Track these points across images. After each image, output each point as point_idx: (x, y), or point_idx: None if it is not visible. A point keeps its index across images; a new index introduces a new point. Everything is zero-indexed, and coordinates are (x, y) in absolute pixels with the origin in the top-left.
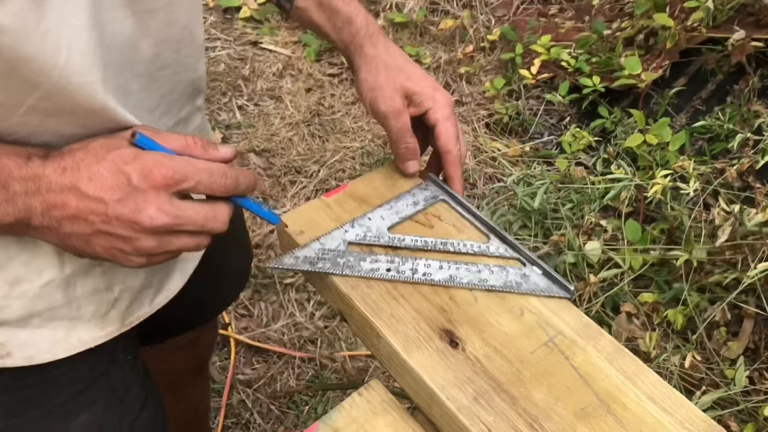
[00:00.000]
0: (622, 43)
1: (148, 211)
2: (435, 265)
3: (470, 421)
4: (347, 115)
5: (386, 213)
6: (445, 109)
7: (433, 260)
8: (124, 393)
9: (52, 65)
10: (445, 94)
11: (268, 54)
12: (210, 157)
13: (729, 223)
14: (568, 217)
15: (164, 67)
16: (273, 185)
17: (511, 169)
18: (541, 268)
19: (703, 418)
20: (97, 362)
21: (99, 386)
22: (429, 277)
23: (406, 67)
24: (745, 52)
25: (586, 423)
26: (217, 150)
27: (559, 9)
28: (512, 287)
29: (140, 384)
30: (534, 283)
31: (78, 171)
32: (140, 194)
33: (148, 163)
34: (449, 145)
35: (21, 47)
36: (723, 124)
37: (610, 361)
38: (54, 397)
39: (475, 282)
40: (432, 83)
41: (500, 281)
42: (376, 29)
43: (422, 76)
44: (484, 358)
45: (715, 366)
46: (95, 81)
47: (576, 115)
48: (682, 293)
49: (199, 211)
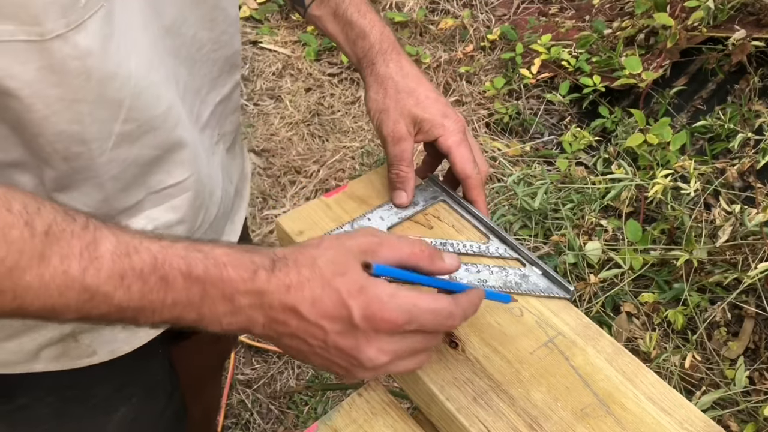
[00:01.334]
0: (623, 43)
1: (367, 352)
2: None
3: (469, 422)
4: (347, 114)
5: (386, 213)
6: (456, 135)
7: None
8: (155, 386)
9: (127, 75)
10: (455, 120)
11: (268, 53)
12: (436, 270)
13: (729, 223)
14: (568, 217)
15: (201, 47)
16: (273, 185)
17: (512, 169)
18: (540, 269)
19: (703, 418)
20: (139, 356)
21: (138, 380)
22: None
23: (416, 90)
24: (745, 51)
25: (586, 423)
26: (443, 261)
27: (559, 8)
28: (512, 288)
29: (168, 378)
30: (533, 283)
31: (302, 292)
32: (361, 334)
33: (372, 302)
34: (467, 170)
35: (105, 65)
36: (724, 124)
37: (610, 361)
38: (98, 393)
39: (474, 283)
40: (442, 108)
41: (500, 282)
42: (391, 45)
43: (432, 101)
44: (483, 358)
45: (715, 366)
46: (160, 79)
47: (576, 115)
48: (682, 293)
49: (419, 341)
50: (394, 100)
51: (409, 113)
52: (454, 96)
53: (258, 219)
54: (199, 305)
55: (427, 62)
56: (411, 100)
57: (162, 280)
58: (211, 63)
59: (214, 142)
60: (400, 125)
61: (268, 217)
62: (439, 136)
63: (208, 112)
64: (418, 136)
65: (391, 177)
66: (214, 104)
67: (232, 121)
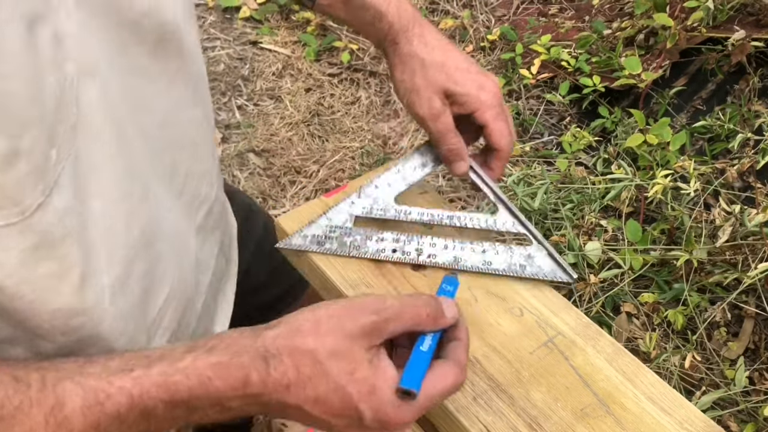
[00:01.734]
0: (622, 43)
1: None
2: (440, 245)
3: (469, 421)
4: (347, 115)
5: (393, 179)
6: (493, 109)
7: (438, 239)
8: None
9: (100, 216)
10: (491, 91)
11: (268, 54)
12: (439, 327)
13: (729, 223)
14: (568, 218)
15: (186, 178)
16: (273, 185)
17: (511, 169)
18: (545, 250)
19: (702, 418)
20: None
21: None
22: (434, 259)
23: (446, 64)
24: (745, 51)
25: (585, 423)
26: (445, 318)
27: (559, 9)
28: (516, 271)
29: None
30: (538, 266)
31: (304, 391)
32: (371, 430)
33: (386, 407)
34: (502, 144)
35: (83, 218)
36: (723, 124)
37: (610, 361)
38: None
39: (479, 265)
40: (476, 79)
41: (504, 264)
42: (411, 19)
43: (464, 72)
44: (483, 358)
45: (715, 366)
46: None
47: (576, 115)
48: (682, 293)
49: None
50: (423, 78)
51: (442, 88)
52: None
53: None
54: (186, 418)
55: None
56: (442, 76)
57: (142, 414)
58: (193, 190)
59: (200, 245)
60: (434, 101)
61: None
62: (476, 110)
63: (195, 227)
64: (453, 107)
65: (444, 154)
66: (202, 217)
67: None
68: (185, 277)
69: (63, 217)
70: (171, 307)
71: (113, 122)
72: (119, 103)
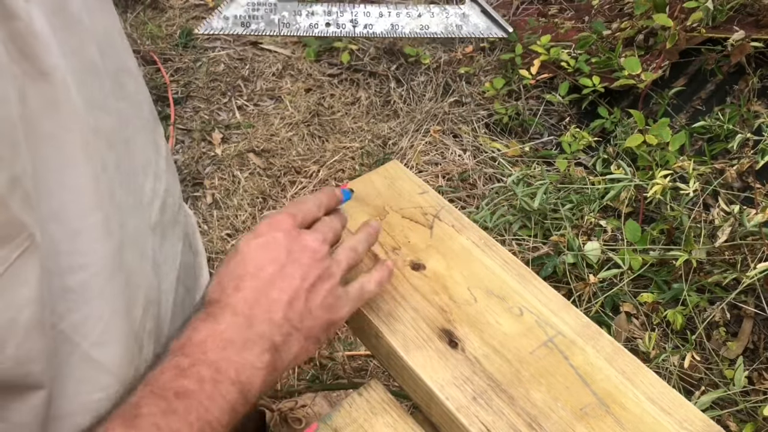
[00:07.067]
0: (622, 44)
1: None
2: (375, 13)
3: (469, 421)
4: (347, 115)
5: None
6: None
7: (372, 6)
8: None
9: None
10: None
11: (268, 54)
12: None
13: (728, 224)
14: (567, 218)
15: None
16: (273, 185)
17: (511, 170)
18: (479, 6)
19: (702, 417)
20: None
21: None
22: (370, 29)
23: None
24: (744, 52)
25: (585, 423)
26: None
27: (558, 9)
28: (453, 32)
29: None
30: (473, 24)
31: (245, 268)
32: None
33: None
34: None
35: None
36: (723, 125)
37: (610, 361)
38: None
39: (417, 30)
40: None
41: (441, 26)
42: None
43: None
44: (483, 357)
45: (715, 366)
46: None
47: (576, 116)
48: (681, 293)
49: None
50: None
51: None
52: (454, 96)
53: (258, 219)
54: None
55: (426, 63)
56: None
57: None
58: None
59: (159, 243)
60: None
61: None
62: None
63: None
64: None
65: None
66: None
67: (174, 212)
68: (150, 277)
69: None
70: (149, 312)
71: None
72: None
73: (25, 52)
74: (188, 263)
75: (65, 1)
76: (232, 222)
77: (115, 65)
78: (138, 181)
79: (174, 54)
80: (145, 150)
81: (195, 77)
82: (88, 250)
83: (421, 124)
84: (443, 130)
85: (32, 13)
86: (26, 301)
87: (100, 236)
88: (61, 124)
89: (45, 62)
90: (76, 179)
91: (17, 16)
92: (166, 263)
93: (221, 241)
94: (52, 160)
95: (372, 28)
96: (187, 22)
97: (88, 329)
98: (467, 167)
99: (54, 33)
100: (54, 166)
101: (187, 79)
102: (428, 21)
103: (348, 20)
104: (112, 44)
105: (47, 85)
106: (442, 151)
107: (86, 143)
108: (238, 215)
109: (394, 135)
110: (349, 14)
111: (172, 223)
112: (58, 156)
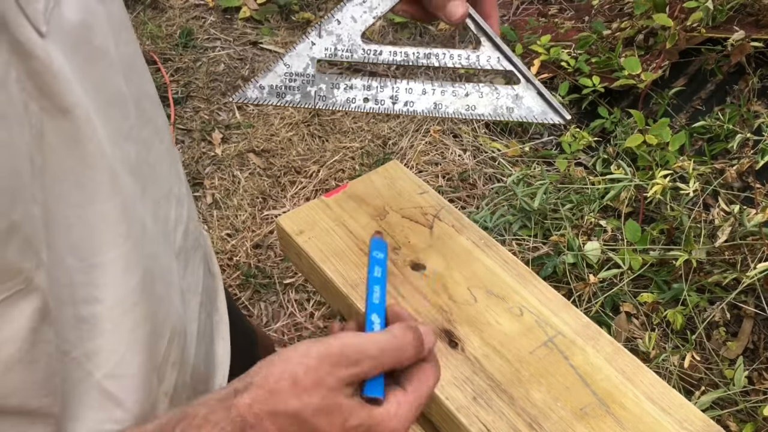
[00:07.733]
0: (622, 44)
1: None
2: (417, 90)
3: (469, 421)
4: (347, 115)
5: (357, 11)
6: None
7: (415, 83)
8: None
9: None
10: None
11: (268, 54)
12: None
13: (728, 224)
14: (567, 218)
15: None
16: (273, 185)
17: (511, 170)
18: (535, 88)
19: (702, 417)
20: None
21: None
22: (411, 107)
23: None
24: (744, 52)
25: (585, 423)
26: (424, 351)
27: (558, 9)
28: (503, 114)
29: None
30: (527, 108)
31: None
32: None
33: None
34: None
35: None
36: (723, 125)
37: (609, 361)
38: None
39: (462, 111)
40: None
41: (490, 108)
42: None
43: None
44: (483, 357)
45: (714, 366)
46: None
47: (576, 115)
48: (681, 293)
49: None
50: None
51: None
52: None
53: (258, 219)
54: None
55: None
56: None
57: None
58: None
59: (183, 269)
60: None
61: (268, 218)
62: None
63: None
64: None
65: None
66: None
67: (196, 237)
68: (177, 306)
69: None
70: (174, 342)
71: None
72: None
73: (44, 90)
74: (209, 288)
75: (90, 34)
76: (232, 222)
77: (138, 91)
78: (163, 208)
79: (174, 54)
80: (168, 175)
81: (195, 77)
82: (105, 283)
83: (421, 123)
84: (443, 130)
85: (50, 51)
86: (5, 339)
87: (119, 271)
88: (83, 160)
89: (65, 100)
90: (98, 214)
91: (34, 55)
92: (189, 290)
93: (221, 241)
94: (73, 196)
95: (413, 106)
96: (187, 22)
97: (101, 360)
98: (467, 167)
99: (75, 69)
100: (75, 202)
101: (187, 79)
102: (476, 101)
103: (388, 96)
104: (135, 70)
105: (67, 123)
106: (442, 151)
107: (113, 177)
108: (238, 215)
109: (394, 135)
110: (390, 90)
111: (194, 248)
112: (80, 192)
